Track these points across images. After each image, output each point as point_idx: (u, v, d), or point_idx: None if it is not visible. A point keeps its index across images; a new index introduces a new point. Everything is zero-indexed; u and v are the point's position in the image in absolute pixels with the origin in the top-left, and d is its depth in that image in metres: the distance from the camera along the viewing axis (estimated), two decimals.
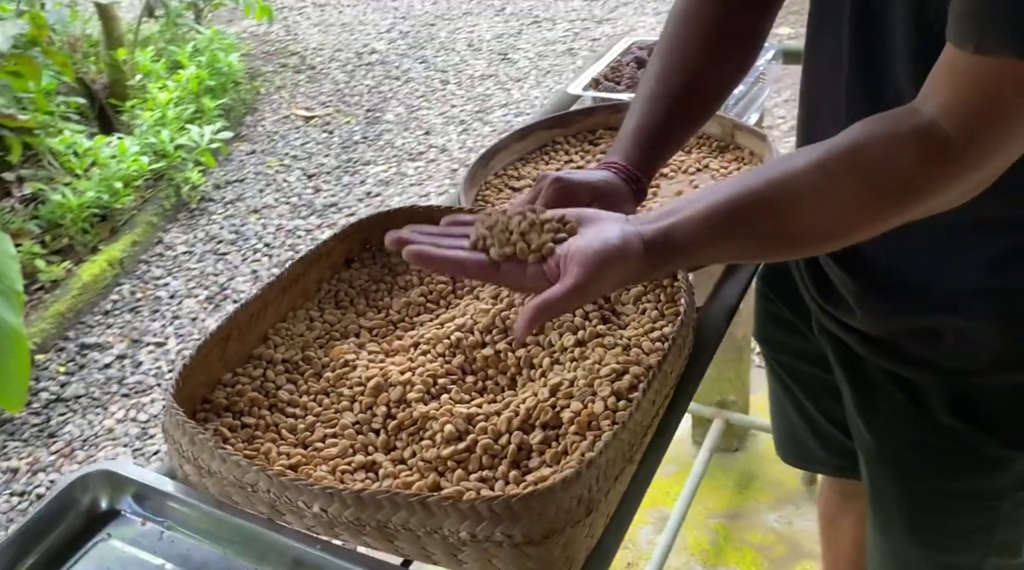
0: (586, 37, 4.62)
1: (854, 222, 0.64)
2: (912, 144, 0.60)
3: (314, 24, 5.28)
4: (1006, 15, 0.56)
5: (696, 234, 0.63)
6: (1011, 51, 0.56)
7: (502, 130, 3.81)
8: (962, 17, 0.58)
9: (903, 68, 0.68)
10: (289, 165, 3.68)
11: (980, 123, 0.58)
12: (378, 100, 4.23)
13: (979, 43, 0.57)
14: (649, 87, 0.84)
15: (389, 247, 0.67)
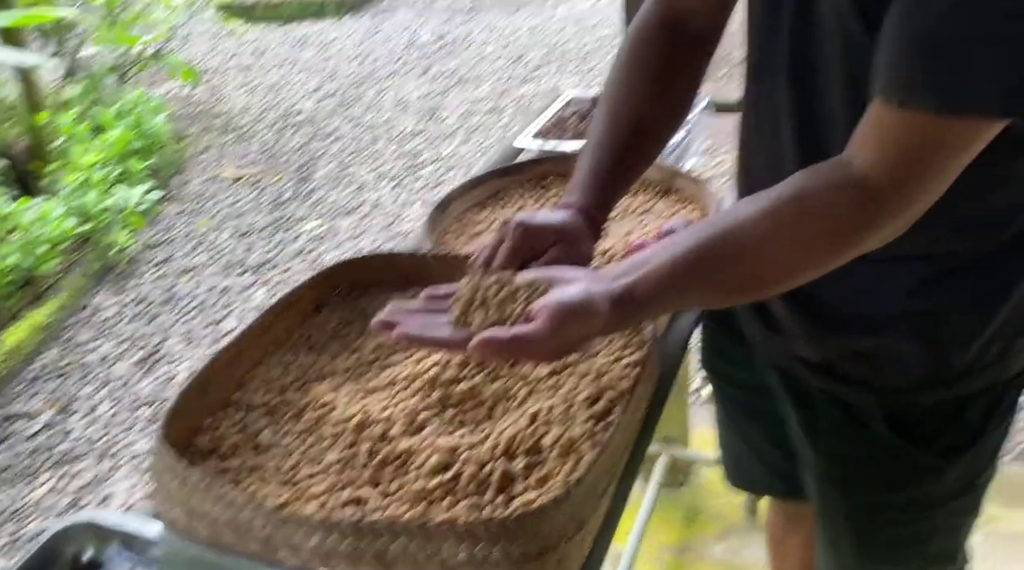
0: (511, 96, 4.76)
1: (804, 265, 0.70)
2: (849, 194, 0.66)
3: (239, 86, 5.29)
4: (925, 75, 0.62)
5: (660, 287, 0.68)
6: (932, 106, 0.62)
7: (435, 184, 3.87)
8: (886, 75, 0.64)
9: (839, 119, 0.75)
10: (220, 224, 3.65)
11: (904, 174, 0.65)
12: (308, 158, 4.25)
13: (902, 100, 0.63)
14: (599, 131, 0.89)
15: (374, 329, 0.70)
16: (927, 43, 0.62)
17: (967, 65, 0.61)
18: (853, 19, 0.69)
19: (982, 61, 0.60)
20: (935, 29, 0.61)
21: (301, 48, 5.89)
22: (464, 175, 3.93)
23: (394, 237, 3.46)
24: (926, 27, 0.61)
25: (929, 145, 0.64)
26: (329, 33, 6.13)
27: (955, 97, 0.61)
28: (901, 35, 0.63)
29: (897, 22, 0.63)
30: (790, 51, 0.78)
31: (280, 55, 5.79)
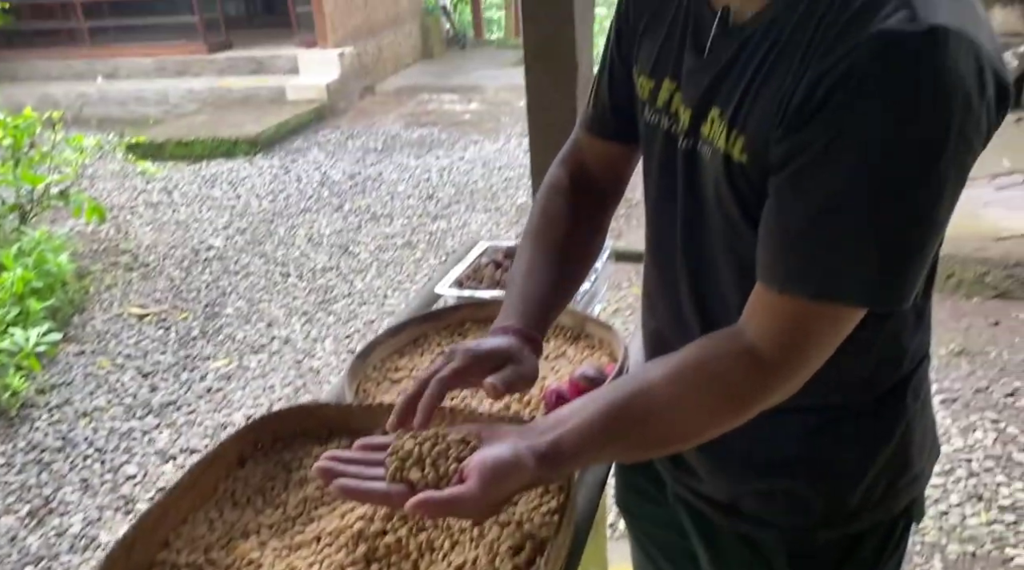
0: (423, 231, 4.89)
1: (707, 427, 0.78)
2: (743, 363, 0.75)
3: (147, 222, 5.26)
4: (801, 265, 0.71)
5: (580, 444, 0.75)
6: (807, 294, 0.71)
7: (347, 319, 3.89)
8: (767, 265, 0.74)
9: (732, 293, 0.84)
10: (122, 364, 3.54)
11: (786, 349, 0.74)
12: (217, 295, 4.21)
13: (781, 287, 0.72)
14: (527, 261, 0.99)
15: (314, 476, 0.75)
16: (802, 236, 0.71)
17: (838, 258, 0.69)
18: (735, 210, 0.79)
19: (851, 255, 0.69)
20: (809, 223, 0.70)
21: (212, 186, 5.94)
22: (377, 309, 3.97)
23: (304, 374, 3.43)
24: (797, 224, 0.71)
25: (808, 325, 0.73)
26: (240, 171, 6.21)
27: (825, 288, 0.70)
28: (777, 229, 0.73)
29: (773, 217, 0.73)
30: (682, 233, 0.88)
31: (190, 193, 5.81)
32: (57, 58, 8.55)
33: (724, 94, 0.78)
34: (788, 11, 0.72)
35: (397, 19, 9.61)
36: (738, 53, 0.77)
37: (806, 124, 0.68)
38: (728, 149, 0.77)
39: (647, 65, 0.91)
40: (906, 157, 0.66)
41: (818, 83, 0.67)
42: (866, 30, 0.65)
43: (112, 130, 7.34)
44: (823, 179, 0.68)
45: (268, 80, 7.94)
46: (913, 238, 0.69)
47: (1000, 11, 5.47)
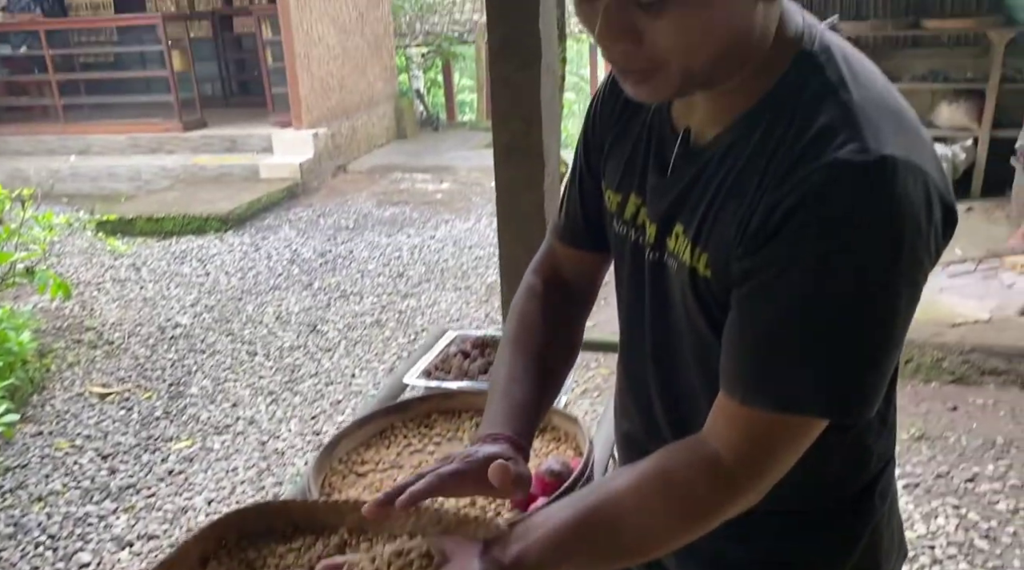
0: (393, 309, 4.91)
1: (673, 535, 0.79)
2: (705, 473, 0.76)
3: (113, 299, 5.22)
4: (762, 378, 0.73)
5: (544, 556, 0.76)
6: (769, 406, 0.73)
7: (313, 399, 3.86)
8: (729, 376, 0.76)
9: (701, 398, 0.86)
10: (81, 446, 3.46)
11: (749, 458, 0.75)
12: (182, 373, 4.16)
13: (743, 398, 0.74)
14: (507, 369, 1.00)
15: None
16: (763, 350, 0.73)
17: (797, 372, 0.72)
18: (702, 321, 0.82)
19: (811, 369, 0.71)
20: (769, 338, 0.73)
21: (181, 262, 5.93)
22: (344, 389, 3.95)
23: (268, 456, 3.37)
24: (759, 338, 0.74)
25: (769, 436, 0.75)
26: (210, 248, 6.22)
27: (786, 400, 0.72)
28: (739, 342, 0.75)
29: (736, 329, 0.76)
30: (652, 341, 0.91)
31: (159, 269, 5.79)
32: (30, 134, 8.59)
33: (687, 212, 0.82)
34: (745, 138, 0.77)
35: (372, 101, 9.83)
36: (699, 174, 0.81)
37: (764, 245, 0.72)
38: (694, 264, 0.80)
39: (614, 180, 0.94)
40: (860, 277, 0.69)
41: (775, 208, 0.71)
42: (819, 160, 0.69)
43: (83, 206, 7.34)
44: (782, 295, 0.71)
45: (242, 158, 8.03)
46: (870, 353, 0.71)
47: (946, 108, 5.75)
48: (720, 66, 0.74)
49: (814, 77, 0.74)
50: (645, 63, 0.73)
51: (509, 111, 1.55)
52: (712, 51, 0.71)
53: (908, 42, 5.95)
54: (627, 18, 0.70)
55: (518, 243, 1.65)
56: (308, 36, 8.27)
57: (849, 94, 0.72)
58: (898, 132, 0.71)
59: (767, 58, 0.76)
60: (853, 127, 0.70)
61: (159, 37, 8.24)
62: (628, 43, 0.71)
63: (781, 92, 0.75)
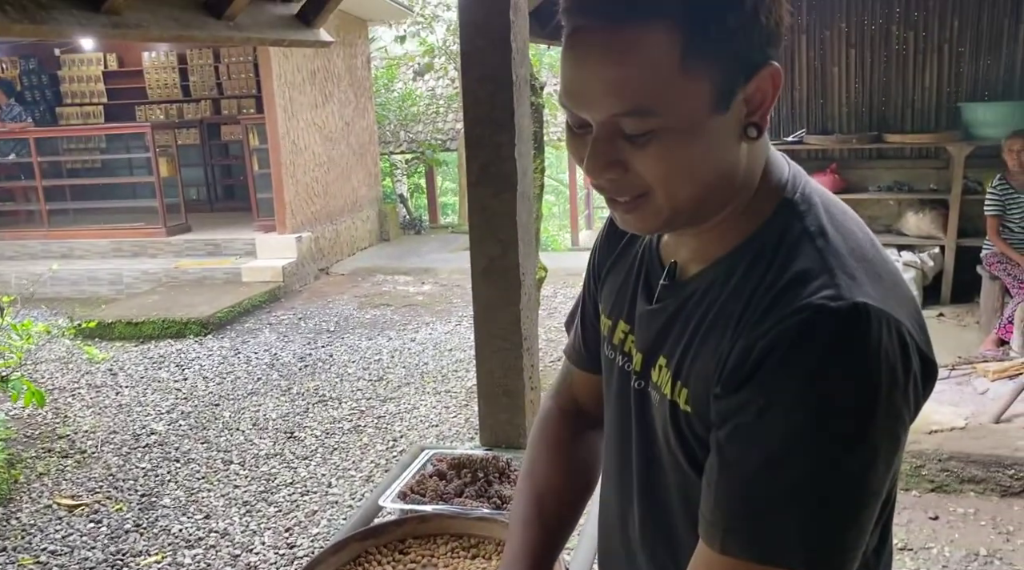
0: (372, 415, 4.87)
1: None
2: None
3: (88, 406, 5.14)
4: (740, 526, 0.71)
5: None
6: (747, 555, 0.70)
7: (288, 510, 3.77)
8: (707, 522, 0.73)
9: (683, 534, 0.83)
10: (46, 562, 3.34)
11: None
12: (154, 483, 4.07)
13: (722, 546, 0.71)
14: (525, 511, 1.02)
15: None
16: (739, 498, 0.71)
17: (774, 523, 0.69)
18: (682, 457, 0.82)
19: (787, 521, 0.69)
20: (746, 486, 0.71)
21: (159, 368, 5.88)
22: (320, 498, 3.87)
23: None
24: (737, 484, 0.71)
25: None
26: (189, 353, 6.19)
27: (765, 550, 0.70)
28: (716, 486, 0.73)
29: (714, 474, 0.74)
30: (637, 468, 0.91)
31: (136, 374, 5.74)
32: (13, 239, 8.64)
33: (669, 344, 0.83)
34: (726, 276, 0.78)
35: (355, 206, 10.02)
36: (681, 307, 0.83)
37: (740, 388, 0.71)
38: (674, 398, 0.81)
39: (607, 305, 0.98)
40: (835, 426, 0.68)
41: (750, 351, 0.71)
42: (793, 304, 0.70)
43: (62, 310, 7.32)
44: (758, 442, 0.70)
45: (224, 262, 8.10)
46: (848, 505, 0.69)
47: (913, 217, 5.94)
48: (705, 201, 0.76)
49: (794, 223, 0.76)
50: (631, 191, 0.76)
51: (486, 234, 1.60)
52: (695, 184, 0.74)
53: (873, 154, 6.21)
54: (614, 149, 0.73)
55: (496, 360, 1.68)
56: (295, 145, 8.51)
57: (827, 242, 0.74)
58: (874, 281, 0.72)
59: (752, 202, 0.79)
60: (829, 273, 0.71)
61: (147, 144, 8.44)
62: (615, 173, 0.74)
63: (763, 236, 0.77)
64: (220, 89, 10.34)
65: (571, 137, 0.77)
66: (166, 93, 10.42)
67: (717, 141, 0.73)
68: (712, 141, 0.72)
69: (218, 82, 10.32)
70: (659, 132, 0.71)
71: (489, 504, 1.38)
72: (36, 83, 10.61)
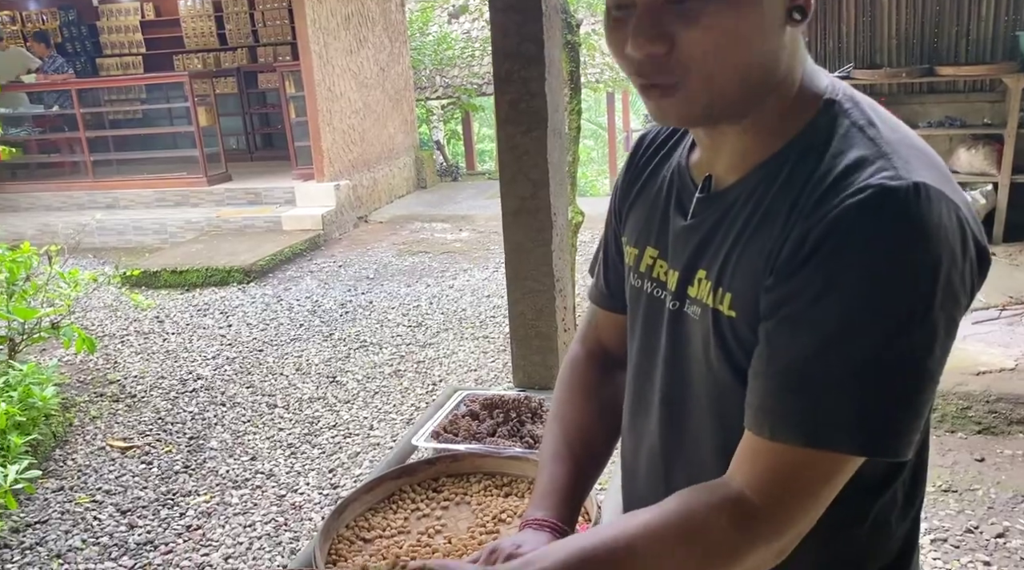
0: (411, 360, 4.92)
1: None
2: (728, 514, 0.72)
3: (137, 352, 5.28)
4: (792, 410, 0.70)
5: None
6: (798, 440, 0.69)
7: (331, 452, 3.85)
8: (756, 410, 0.73)
9: (713, 465, 0.81)
10: (101, 501, 3.47)
11: (777, 498, 0.71)
12: (202, 427, 4.18)
13: (772, 432, 0.71)
14: (555, 448, 1.01)
15: None
16: (793, 381, 0.70)
17: (830, 404, 0.68)
18: (724, 368, 0.79)
19: (844, 401, 0.68)
20: (800, 369, 0.70)
21: (203, 315, 6.00)
22: (363, 440, 3.94)
23: (285, 511, 3.36)
24: (789, 368, 0.70)
25: (798, 473, 0.71)
26: (233, 300, 6.30)
27: (817, 434, 0.69)
28: (766, 374, 0.72)
29: (763, 362, 0.73)
30: (663, 400, 0.89)
31: (181, 322, 5.87)
32: (59, 190, 8.81)
33: (709, 256, 0.81)
34: (771, 178, 0.77)
35: (392, 153, 9.99)
36: (722, 217, 0.81)
37: (796, 273, 0.70)
38: (716, 305, 0.79)
39: (632, 236, 0.96)
40: (895, 305, 0.67)
41: (806, 236, 0.70)
42: (852, 186, 0.69)
43: (109, 259, 7.48)
44: (813, 325, 0.69)
45: (265, 210, 8.16)
46: (906, 386, 0.69)
47: (965, 153, 5.73)
48: (744, 90, 0.75)
49: (841, 119, 0.76)
50: (671, 72, 0.74)
51: (516, 174, 1.57)
52: (738, 66, 0.73)
53: (923, 88, 5.97)
54: (663, 20, 0.72)
55: (527, 302, 1.66)
56: (330, 91, 8.47)
57: (878, 131, 0.73)
58: (929, 167, 0.71)
59: (793, 103, 0.78)
60: (885, 158, 0.70)
61: (186, 94, 8.47)
62: (659, 46, 0.72)
63: (809, 134, 0.76)
64: (256, 36, 10.30)
65: (611, 24, 0.77)
66: (203, 42, 10.42)
67: (765, 19, 0.72)
68: (761, 18, 0.72)
69: (254, 29, 10.27)
70: (710, 4, 0.70)
71: (521, 444, 1.38)
72: (76, 34, 10.69)
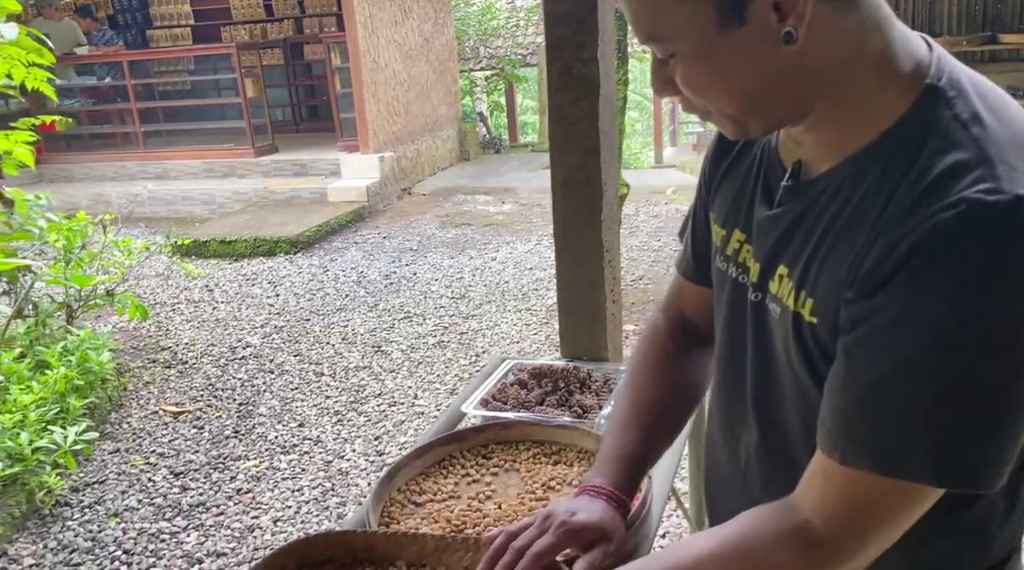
0: (455, 331, 4.95)
1: None
2: (792, 542, 0.69)
3: (187, 320, 5.40)
4: (866, 435, 0.66)
5: None
6: (871, 466, 0.66)
7: (377, 419, 3.91)
8: (828, 431, 0.69)
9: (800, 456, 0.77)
10: (155, 463, 3.58)
11: (846, 526, 0.68)
12: (251, 393, 4.27)
13: (843, 456, 0.67)
14: (624, 416, 1.00)
15: None
16: (866, 405, 0.66)
17: (905, 431, 0.64)
18: (804, 372, 0.76)
19: (920, 429, 0.64)
20: (873, 393, 0.65)
21: (252, 284, 6.10)
22: (408, 409, 4.00)
23: (333, 476, 3.43)
24: (865, 390, 0.66)
25: (871, 502, 0.67)
26: (280, 270, 6.39)
27: (891, 462, 0.65)
28: (842, 393, 0.68)
29: (839, 379, 0.68)
30: (751, 386, 0.85)
31: (231, 291, 5.98)
32: (112, 160, 9.00)
33: (791, 252, 0.77)
34: (859, 174, 0.71)
35: (436, 125, 9.99)
36: (807, 210, 0.76)
37: (879, 289, 0.65)
38: (798, 309, 0.75)
39: (720, 215, 0.92)
40: (985, 329, 0.62)
41: (893, 249, 0.65)
42: (946, 198, 0.63)
43: (159, 228, 7.64)
44: (895, 344, 0.64)
45: (311, 182, 8.25)
46: (992, 414, 0.64)
47: None
48: (769, 108, 0.72)
49: (942, 111, 0.68)
50: (695, 107, 0.75)
51: (567, 143, 1.55)
52: (737, 96, 0.72)
53: (985, 57, 5.77)
54: (662, 71, 0.75)
55: (576, 273, 1.65)
56: (375, 63, 8.47)
57: (983, 129, 0.66)
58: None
59: (879, 89, 0.71)
60: (987, 164, 0.63)
61: (233, 65, 8.56)
62: (670, 91, 0.75)
63: (904, 127, 0.69)
64: (302, 7, 10.34)
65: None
66: (249, 13, 10.49)
67: (741, 55, 0.69)
68: (732, 57, 0.69)
69: (299, 0, 10.31)
70: (678, 55, 0.71)
71: (570, 413, 1.38)
72: (127, 6, 10.83)
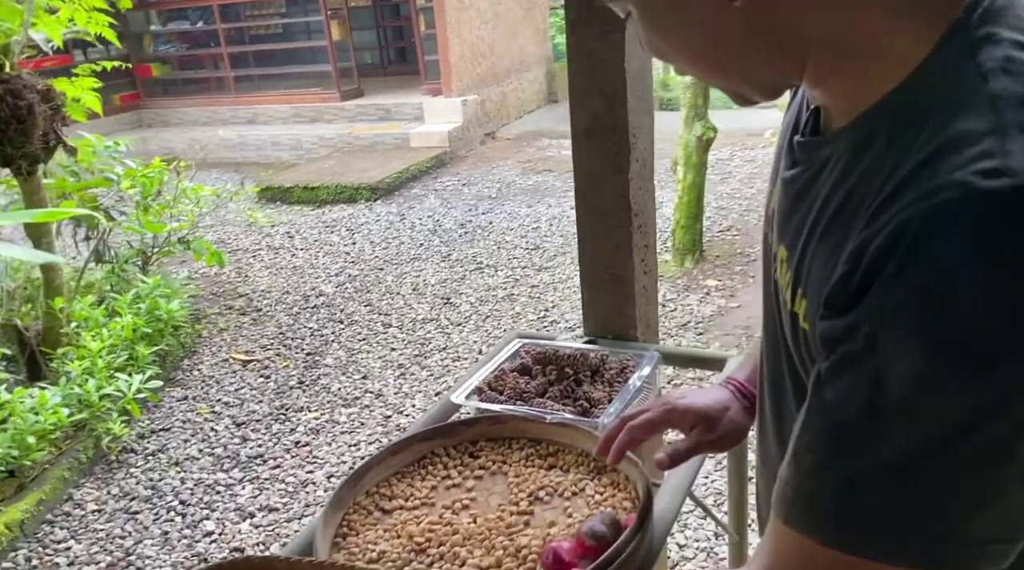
0: (526, 284, 4.80)
1: None
2: None
3: (266, 266, 5.45)
4: (817, 495, 0.54)
5: None
6: (819, 537, 0.53)
7: (439, 375, 3.83)
8: (779, 495, 0.57)
9: None
10: (219, 412, 3.61)
11: None
12: (319, 343, 4.27)
13: (787, 516, 0.56)
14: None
15: None
16: (822, 455, 0.54)
17: (865, 496, 0.51)
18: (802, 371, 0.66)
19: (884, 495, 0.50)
20: (832, 440, 0.53)
21: (331, 231, 6.11)
22: (470, 364, 3.89)
23: (390, 432, 3.38)
24: (822, 434, 0.54)
25: (802, 563, 0.55)
26: (359, 218, 6.37)
27: (845, 534, 0.52)
28: (799, 437, 0.56)
29: (803, 417, 0.56)
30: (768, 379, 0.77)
31: (310, 238, 6.00)
32: (205, 105, 9.17)
33: (792, 230, 0.63)
34: (867, 142, 0.55)
35: (522, 66, 9.69)
36: (815, 176, 0.61)
37: (849, 308, 0.51)
38: (795, 308, 0.62)
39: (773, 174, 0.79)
40: (970, 362, 0.47)
41: (861, 254, 0.51)
42: (932, 181, 0.48)
43: (249, 174, 7.74)
44: (858, 381, 0.51)
45: (394, 127, 8.17)
46: (984, 477, 0.48)
47: None
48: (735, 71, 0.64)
49: (965, 62, 0.51)
50: None
51: (588, 85, 1.34)
52: (694, 59, 0.65)
53: None
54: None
55: (599, 239, 1.45)
56: (460, 1, 8.23)
57: (1008, 83, 0.49)
58: None
59: (889, 32, 0.54)
60: (998, 134, 0.47)
61: (319, 7, 8.49)
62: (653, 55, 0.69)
63: (921, 81, 0.53)
64: None
65: None
66: None
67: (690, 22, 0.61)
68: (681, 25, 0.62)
69: None
70: (635, 18, 0.65)
71: (575, 407, 1.20)
72: None
